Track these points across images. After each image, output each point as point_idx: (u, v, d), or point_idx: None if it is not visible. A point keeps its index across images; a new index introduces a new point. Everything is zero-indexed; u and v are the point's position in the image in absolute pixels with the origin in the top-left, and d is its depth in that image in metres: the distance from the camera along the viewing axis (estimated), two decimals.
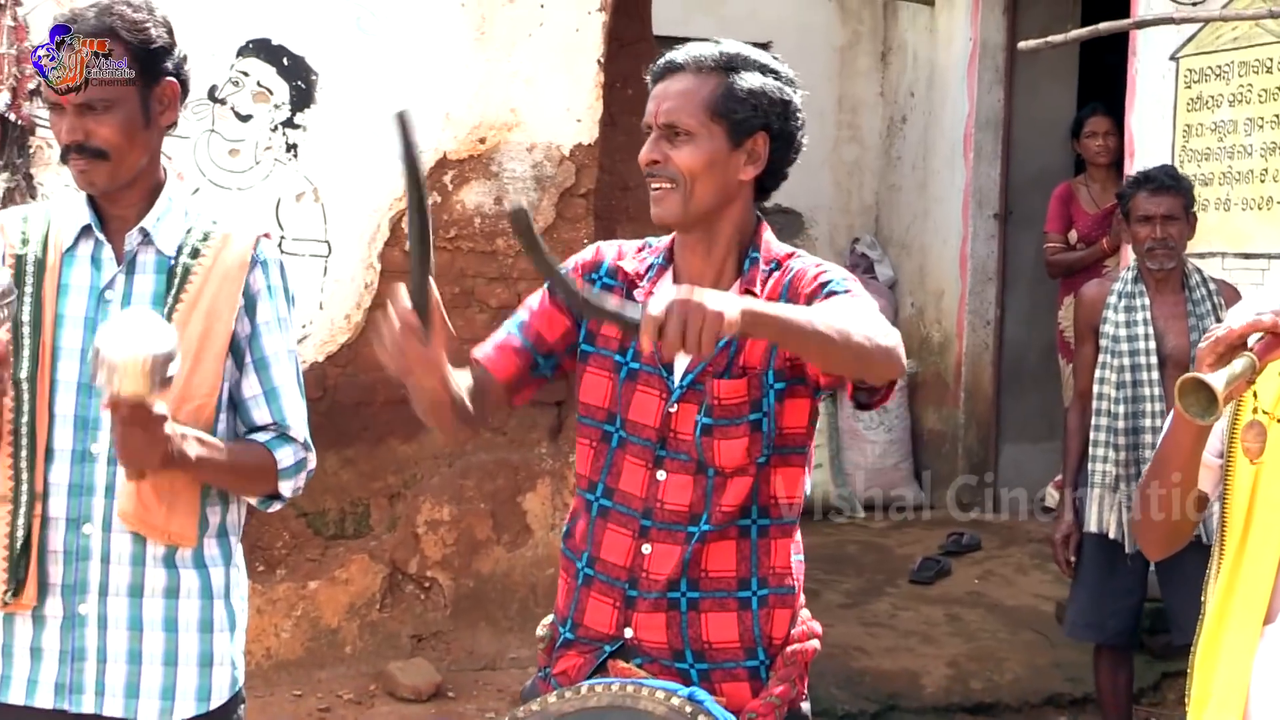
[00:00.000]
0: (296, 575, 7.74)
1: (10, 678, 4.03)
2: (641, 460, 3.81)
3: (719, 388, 3.72)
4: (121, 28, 3.93)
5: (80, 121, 3.91)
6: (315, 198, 7.71)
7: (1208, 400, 3.05)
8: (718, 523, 3.75)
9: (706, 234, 3.80)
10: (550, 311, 3.95)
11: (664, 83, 3.78)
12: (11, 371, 3.96)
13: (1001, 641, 9.03)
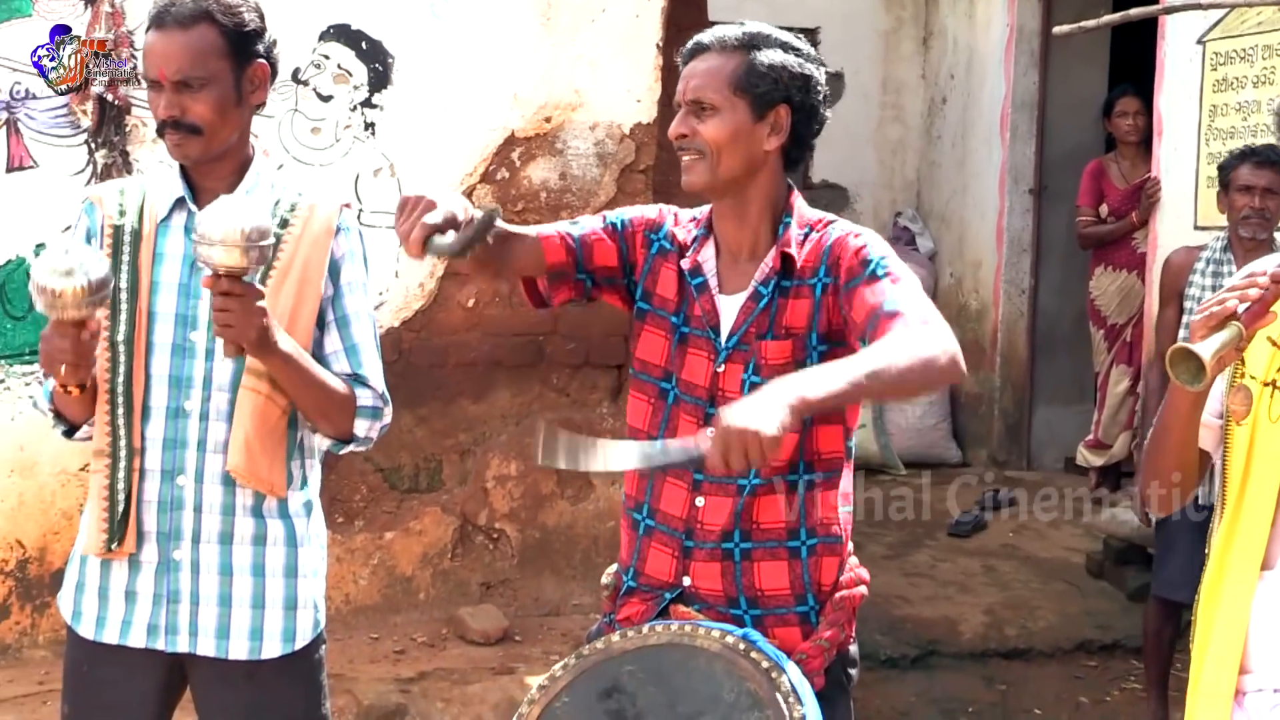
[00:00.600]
0: (373, 527, 7.77)
1: (106, 619, 4.07)
2: (694, 418, 3.83)
3: (765, 349, 3.74)
4: (217, 11, 3.95)
5: (177, 98, 3.93)
6: (391, 173, 7.73)
7: (1197, 368, 3.08)
8: (766, 477, 3.76)
9: (738, 201, 3.82)
10: (604, 241, 3.96)
11: (692, 62, 3.81)
12: (109, 336, 4.01)
13: (1034, 591, 9.03)
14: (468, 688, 7.15)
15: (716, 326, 3.81)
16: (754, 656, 3.54)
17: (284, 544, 4.07)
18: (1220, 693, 3.47)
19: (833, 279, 3.71)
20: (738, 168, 3.74)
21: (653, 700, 3.57)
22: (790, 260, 3.75)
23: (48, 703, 6.66)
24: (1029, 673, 8.29)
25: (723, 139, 3.72)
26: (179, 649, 4.04)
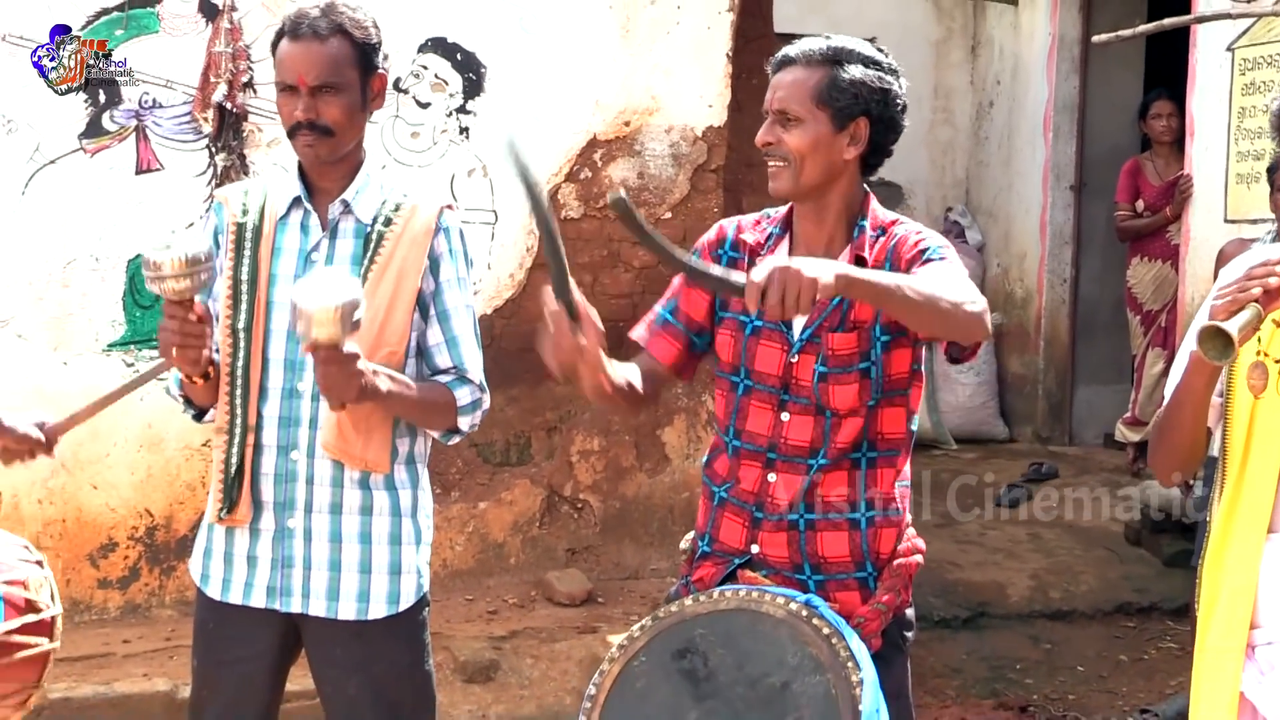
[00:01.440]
0: (468, 497, 7.80)
1: (230, 581, 4.11)
2: (767, 404, 3.84)
3: (833, 340, 3.74)
4: (349, 25, 4.00)
5: (313, 102, 3.97)
6: (484, 173, 7.75)
7: (1224, 344, 3.10)
8: (833, 457, 3.78)
9: (817, 205, 3.82)
10: (691, 292, 3.99)
11: (779, 74, 3.81)
12: (231, 323, 4.05)
13: (1077, 557, 8.99)
14: (555, 645, 7.18)
15: (789, 322, 3.79)
16: (816, 623, 3.55)
17: (389, 514, 4.10)
18: (1231, 648, 3.45)
19: (894, 269, 3.70)
20: (818, 175, 3.74)
21: (722, 661, 3.58)
22: (863, 263, 3.74)
23: (174, 657, 6.71)
24: (1072, 633, 8.26)
25: (805, 148, 3.72)
26: (294, 610, 4.07)
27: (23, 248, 7.18)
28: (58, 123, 7.19)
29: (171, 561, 7.40)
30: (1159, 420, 3.68)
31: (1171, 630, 8.20)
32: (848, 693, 3.43)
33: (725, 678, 3.56)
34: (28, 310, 7.20)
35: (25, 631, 3.97)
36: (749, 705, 3.52)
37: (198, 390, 4.07)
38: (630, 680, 3.64)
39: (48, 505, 7.21)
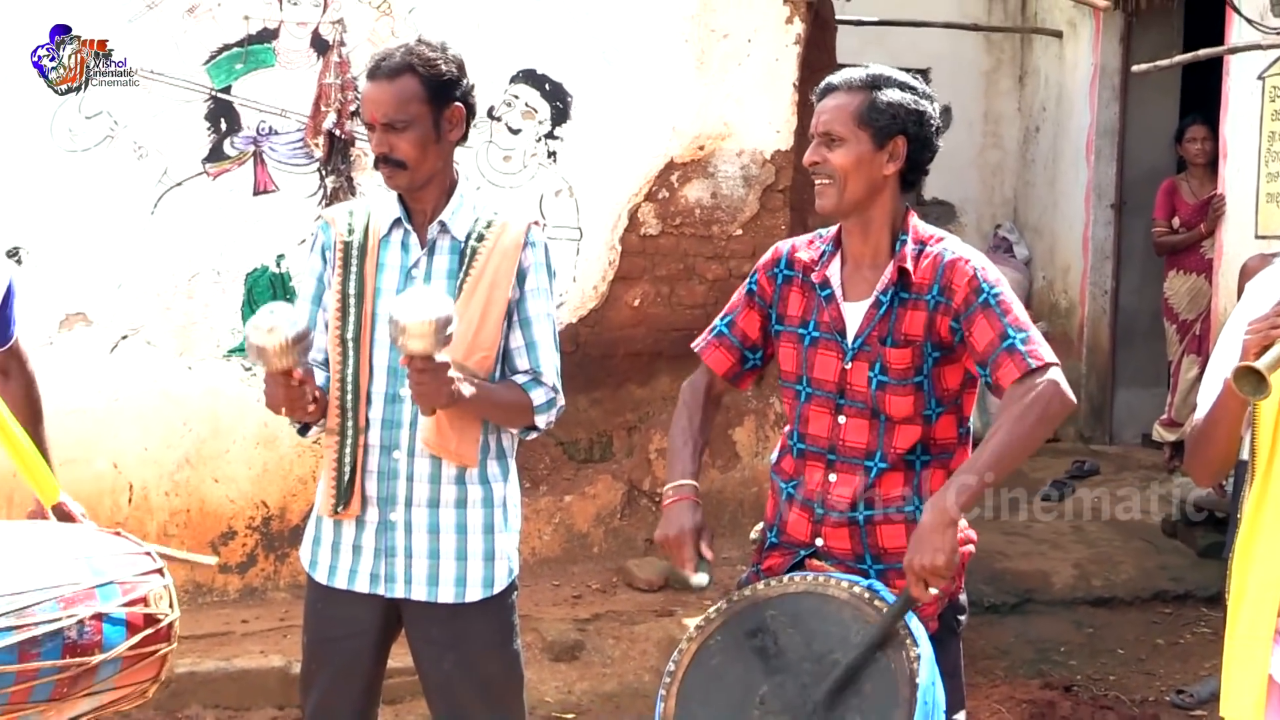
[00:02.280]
0: (555, 491, 7.81)
1: (337, 568, 4.13)
2: (825, 408, 3.85)
3: (890, 355, 3.75)
4: (418, 64, 3.99)
5: (385, 137, 3.99)
6: (570, 194, 7.76)
7: (1258, 382, 3.10)
8: (892, 461, 3.79)
9: (862, 220, 3.82)
10: (749, 312, 4.04)
11: (824, 100, 3.83)
12: (340, 333, 4.08)
13: (1117, 548, 8.92)
14: (634, 627, 7.18)
15: (843, 330, 3.82)
16: (877, 604, 3.55)
17: (482, 506, 4.11)
18: (1260, 635, 3.44)
19: (947, 300, 3.72)
20: (861, 190, 3.74)
21: (791, 639, 3.59)
22: (906, 274, 3.76)
23: (287, 636, 6.76)
24: (1112, 618, 8.20)
25: (849, 166, 3.73)
26: (396, 594, 4.09)
27: (152, 262, 7.24)
28: (183, 148, 7.25)
29: (285, 549, 7.44)
30: (1194, 434, 3.67)
31: (1206, 616, 8.13)
32: (906, 668, 3.43)
33: (794, 655, 3.57)
34: (156, 319, 7.26)
35: (145, 643, 3.97)
36: (815, 679, 3.51)
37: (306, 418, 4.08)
38: (707, 657, 3.67)
39: (174, 497, 7.27)
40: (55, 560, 3.89)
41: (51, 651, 3.68)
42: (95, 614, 3.79)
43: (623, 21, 7.75)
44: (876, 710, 3.44)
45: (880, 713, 3.44)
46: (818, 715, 3.49)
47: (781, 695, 3.54)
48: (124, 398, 7.21)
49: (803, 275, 3.93)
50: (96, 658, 3.77)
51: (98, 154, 7.16)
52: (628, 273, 7.86)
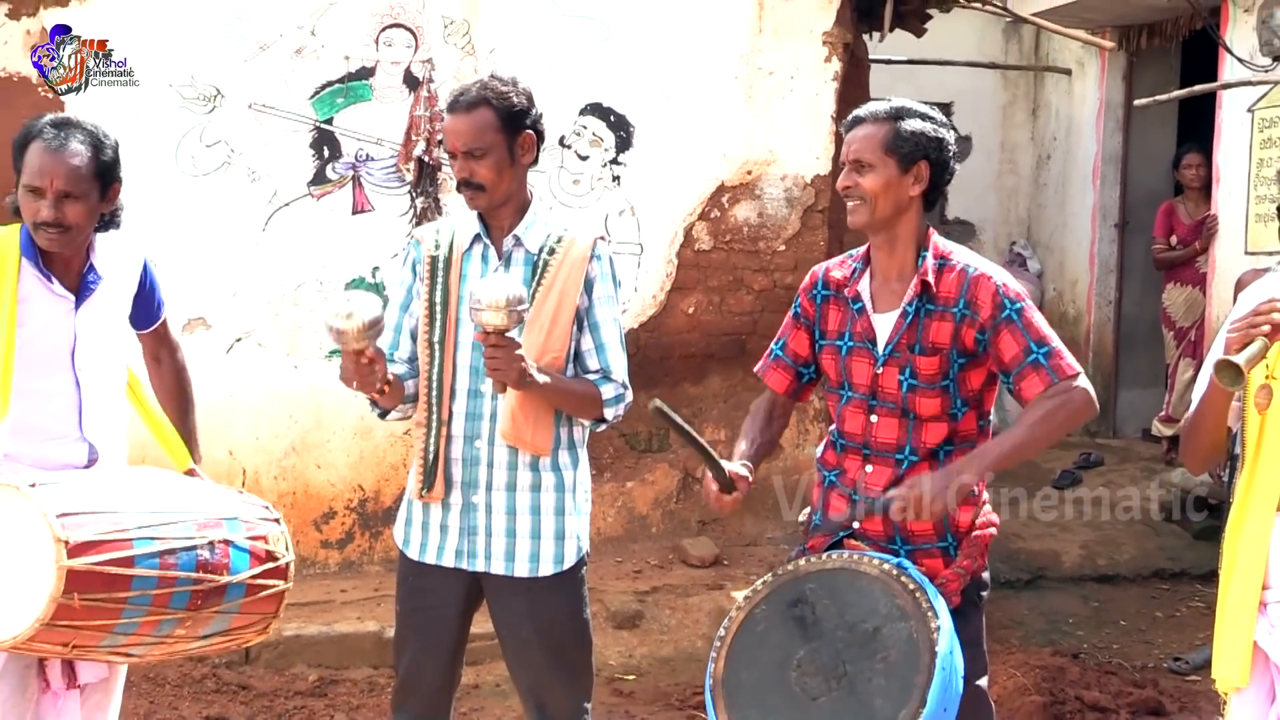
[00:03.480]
0: (618, 478, 7.83)
1: (427, 545, 4.15)
2: (860, 409, 3.87)
3: (919, 363, 3.76)
4: (492, 97, 4.00)
5: (466, 164, 4.01)
6: (632, 214, 7.78)
7: (1235, 374, 3.16)
8: (921, 454, 3.81)
9: (889, 237, 3.84)
10: (797, 333, 4.09)
11: (853, 131, 3.86)
12: (428, 337, 4.11)
13: (1119, 531, 8.90)
14: (688, 599, 7.19)
15: (874, 340, 3.84)
16: (904, 580, 3.56)
17: (554, 490, 4.12)
18: (1247, 605, 3.48)
19: (972, 314, 3.74)
20: (889, 210, 3.77)
21: (827, 609, 3.60)
22: (929, 286, 3.78)
23: (381, 604, 6.80)
24: (1116, 593, 8.18)
25: (878, 189, 3.75)
26: (477, 569, 4.10)
27: (263, 273, 7.29)
28: (291, 173, 7.30)
29: (378, 528, 7.48)
30: (1186, 425, 3.71)
31: (1200, 592, 8.12)
32: (927, 637, 3.46)
33: (829, 623, 3.59)
34: (266, 324, 7.31)
35: (266, 576, 4.06)
36: (847, 645, 3.55)
37: (381, 399, 4.09)
38: (753, 624, 3.69)
39: (281, 481, 7.32)
40: (191, 495, 4.06)
41: (187, 564, 3.82)
42: (224, 539, 3.94)
43: (680, 59, 7.76)
44: (900, 675, 3.46)
45: (903, 677, 3.45)
46: (848, 678, 3.52)
47: (816, 659, 3.56)
48: (238, 393, 7.27)
49: (837, 292, 3.96)
50: (224, 578, 3.90)
51: (216, 178, 7.21)
52: (683, 284, 7.86)
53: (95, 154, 3.98)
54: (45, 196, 3.90)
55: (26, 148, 3.95)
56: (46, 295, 4.02)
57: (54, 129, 3.96)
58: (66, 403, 4.08)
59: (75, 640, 3.73)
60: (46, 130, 3.96)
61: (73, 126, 3.99)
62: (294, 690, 6.31)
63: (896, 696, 3.42)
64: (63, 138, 3.94)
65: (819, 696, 3.52)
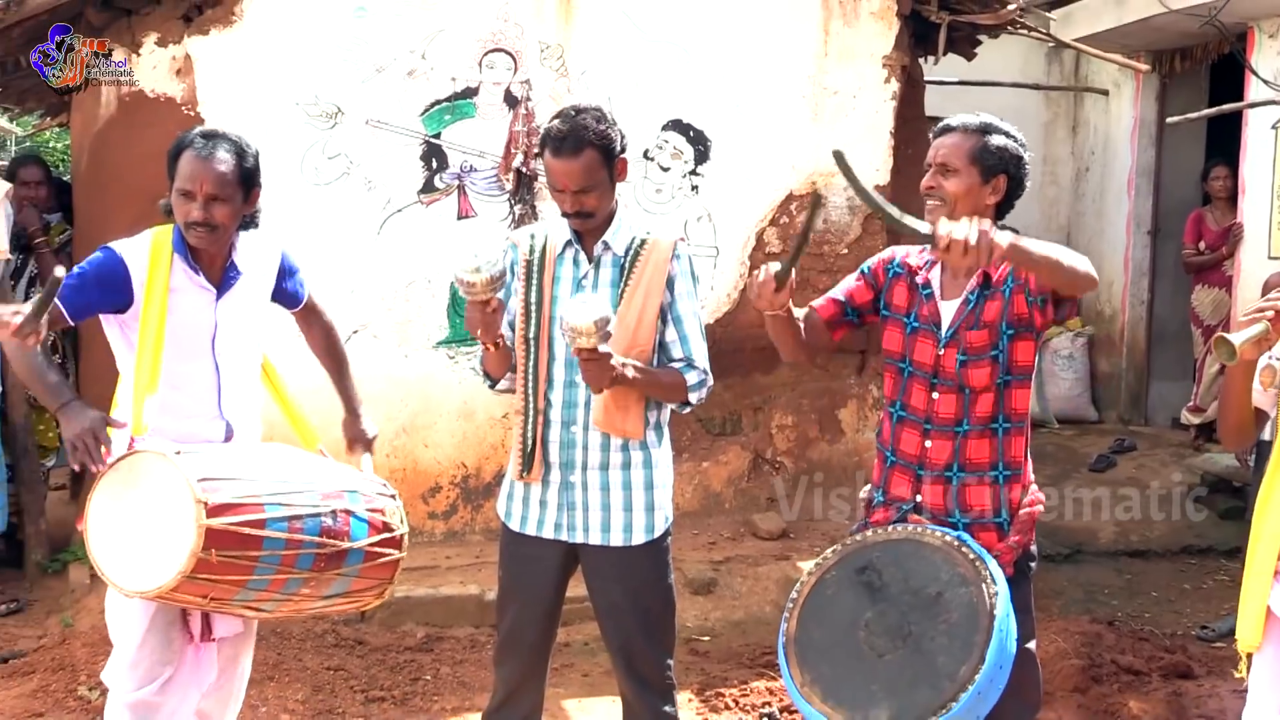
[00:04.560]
0: (695, 458, 7.81)
1: (527, 518, 4.17)
2: (923, 386, 3.85)
3: (969, 337, 3.75)
4: (595, 140, 4.00)
5: (577, 198, 4.03)
6: (709, 220, 7.76)
7: (1229, 351, 3.22)
8: (975, 425, 3.78)
9: None
10: (860, 285, 4.04)
11: (942, 138, 3.85)
12: (525, 333, 4.13)
13: (1151, 510, 8.80)
14: (758, 568, 7.18)
15: (938, 323, 3.83)
16: (964, 551, 3.56)
17: (643, 467, 4.13)
18: (1265, 572, 3.52)
19: (1017, 282, 3.73)
20: (965, 213, 3.68)
21: (893, 575, 3.61)
22: (989, 277, 3.77)
23: (482, 570, 6.84)
24: (1147, 567, 8.12)
25: (960, 193, 3.75)
26: (575, 540, 4.13)
27: (377, 272, 7.33)
28: (403, 182, 7.33)
29: (479, 501, 7.50)
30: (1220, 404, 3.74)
31: (1224, 567, 8.04)
32: (986, 602, 3.46)
33: (895, 588, 3.59)
34: (380, 318, 7.35)
35: (382, 545, 4.10)
36: (911, 608, 3.55)
37: (491, 359, 4.14)
38: (823, 588, 3.69)
39: (393, 459, 7.35)
40: (317, 469, 4.13)
41: (312, 529, 3.89)
42: (345, 509, 4.00)
43: (753, 80, 7.73)
44: (960, 636, 3.46)
45: (963, 638, 3.45)
46: (913, 637, 3.50)
47: (883, 620, 3.56)
48: (355, 379, 7.29)
49: (909, 276, 3.93)
50: (345, 543, 3.97)
51: (336, 187, 7.25)
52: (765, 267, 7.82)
53: (239, 161, 4.04)
54: (195, 199, 3.97)
55: (179, 156, 4.02)
56: (192, 287, 4.08)
57: (203, 139, 4.03)
58: (207, 384, 4.14)
59: (212, 593, 3.79)
60: (197, 141, 4.03)
61: (219, 137, 4.05)
62: (404, 646, 6.35)
63: (958, 654, 3.42)
64: (211, 147, 4.00)
65: (886, 654, 3.52)
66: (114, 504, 3.77)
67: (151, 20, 7.01)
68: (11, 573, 7.23)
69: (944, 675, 3.40)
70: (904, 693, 3.43)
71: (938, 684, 3.39)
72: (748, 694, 5.89)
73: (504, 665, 4.30)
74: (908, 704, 3.40)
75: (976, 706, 3.39)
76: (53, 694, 5.78)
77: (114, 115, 7.07)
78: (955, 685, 3.37)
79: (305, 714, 5.65)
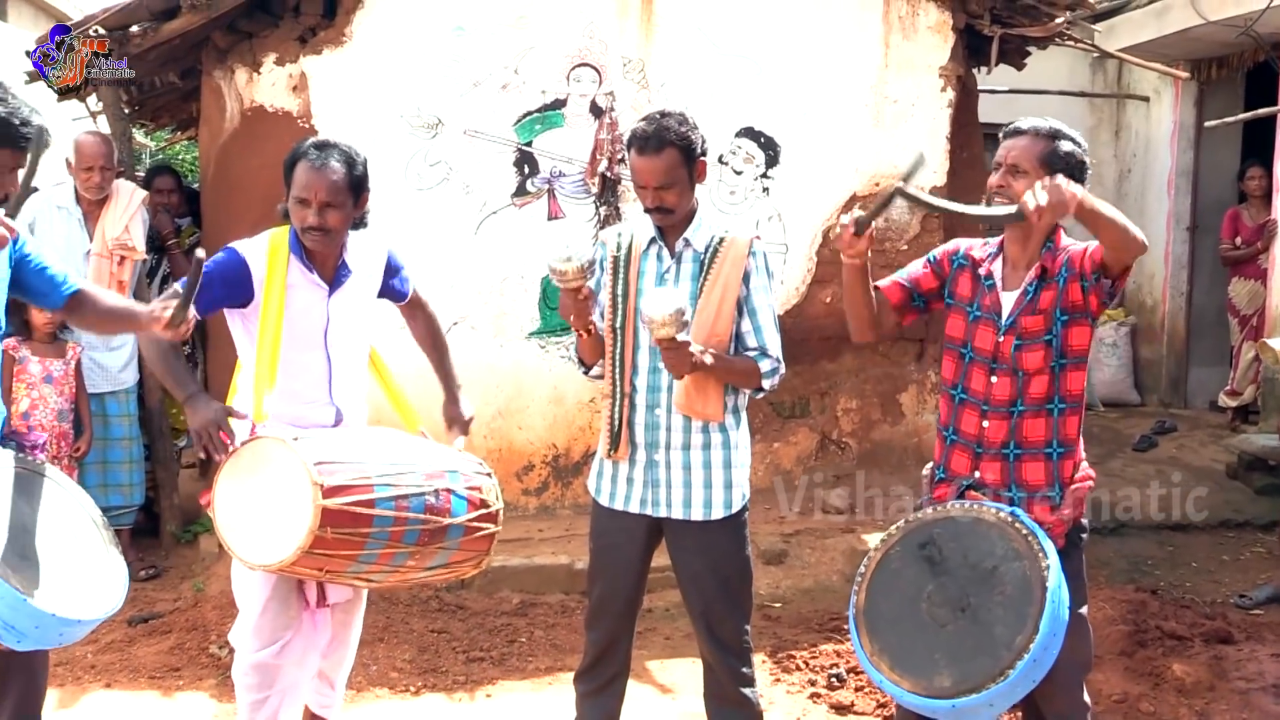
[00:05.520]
0: (766, 439, 7.76)
1: (615, 494, 4.18)
2: (983, 370, 3.81)
3: (1025, 322, 3.72)
4: (676, 140, 3.99)
5: (658, 194, 4.02)
6: (779, 219, 7.70)
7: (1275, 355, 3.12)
8: (1029, 405, 3.74)
9: (1026, 232, 3.78)
10: (926, 272, 4.01)
11: (1012, 140, 3.80)
12: (611, 323, 4.12)
13: (1190, 487, 8.62)
14: (825, 540, 7.13)
15: (999, 312, 3.79)
16: (1017, 526, 3.54)
17: (722, 448, 4.11)
18: None
19: (1070, 271, 3.69)
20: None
21: (952, 549, 3.59)
22: (1046, 270, 3.73)
23: (571, 541, 6.83)
24: (1188, 540, 7.96)
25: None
26: (659, 514, 4.12)
27: (474, 269, 7.34)
28: (498, 187, 7.33)
29: (569, 478, 7.50)
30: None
31: (1261, 540, 7.89)
32: (1038, 574, 3.43)
33: (954, 562, 3.58)
34: (477, 311, 7.36)
35: (480, 520, 4.10)
36: (969, 580, 3.53)
37: (585, 346, 4.16)
38: (888, 562, 3.68)
39: (490, 440, 7.36)
40: (420, 451, 4.14)
41: (417, 507, 3.90)
42: (446, 488, 4.02)
43: (819, 90, 7.66)
44: (1016, 606, 3.43)
45: (1018, 608, 3.42)
46: (971, 608, 3.47)
47: (944, 592, 3.55)
48: (455, 368, 7.30)
49: (973, 267, 3.89)
50: (446, 520, 4.00)
51: (437, 191, 7.26)
52: (821, 277, 7.77)
53: (349, 170, 4.04)
54: (311, 206, 3.99)
55: (295, 166, 4.04)
56: (307, 284, 4.10)
57: (317, 150, 4.04)
58: (319, 373, 4.16)
59: (327, 566, 3.82)
60: (311, 151, 4.04)
61: (331, 148, 4.06)
62: (501, 611, 6.35)
63: (1013, 624, 3.40)
64: (324, 157, 4.02)
65: (947, 624, 3.50)
66: (239, 485, 3.80)
67: (270, 42, 7.06)
68: (149, 542, 7.31)
69: (1001, 644, 3.38)
70: (965, 661, 3.41)
71: (996, 652, 3.38)
72: (816, 656, 5.84)
73: (594, 629, 4.30)
74: (968, 671, 3.38)
75: (1032, 672, 3.37)
76: (187, 651, 5.86)
77: (237, 129, 7.12)
78: (1012, 653, 3.35)
79: (412, 672, 5.68)
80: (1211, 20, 9.53)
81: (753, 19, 7.56)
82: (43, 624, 3.19)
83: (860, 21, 7.70)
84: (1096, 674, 5.31)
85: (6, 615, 3.13)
